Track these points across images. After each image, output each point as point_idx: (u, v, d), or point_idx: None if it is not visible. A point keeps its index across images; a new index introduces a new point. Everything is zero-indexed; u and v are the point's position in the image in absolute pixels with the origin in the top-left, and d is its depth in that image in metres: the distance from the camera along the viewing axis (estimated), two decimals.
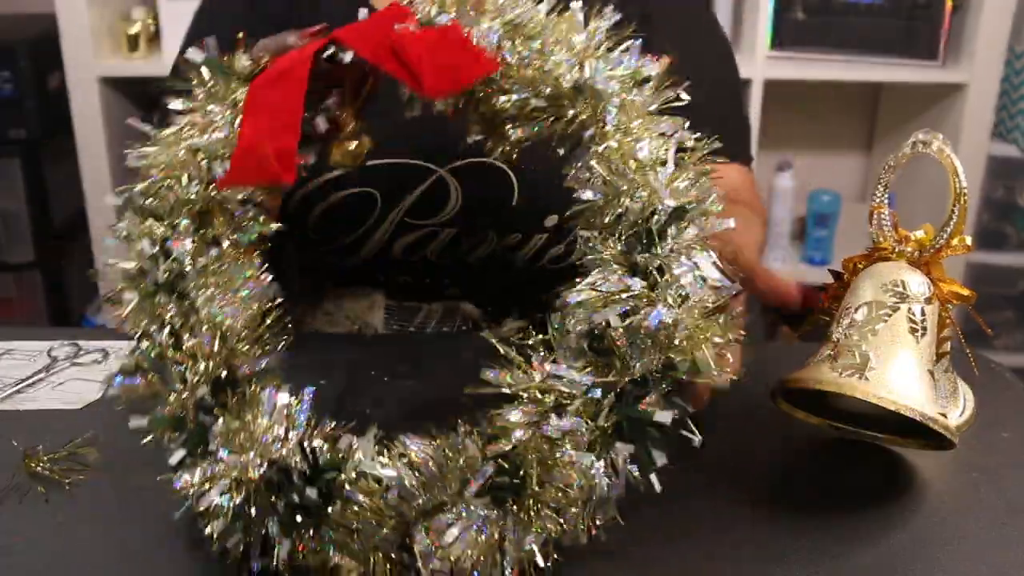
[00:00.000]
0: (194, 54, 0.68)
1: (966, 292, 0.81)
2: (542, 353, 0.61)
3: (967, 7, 2.00)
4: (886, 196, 0.84)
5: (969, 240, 0.81)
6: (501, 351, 0.62)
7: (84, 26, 1.94)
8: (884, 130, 2.36)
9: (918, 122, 2.17)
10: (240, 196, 0.67)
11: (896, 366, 0.75)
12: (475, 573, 0.61)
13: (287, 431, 0.63)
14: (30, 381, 0.94)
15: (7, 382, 0.93)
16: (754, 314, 1.34)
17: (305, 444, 0.63)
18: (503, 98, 0.64)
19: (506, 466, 0.61)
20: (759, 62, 1.98)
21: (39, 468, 0.79)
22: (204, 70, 0.67)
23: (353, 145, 0.70)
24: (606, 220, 0.62)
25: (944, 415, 0.76)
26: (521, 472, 0.61)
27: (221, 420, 0.63)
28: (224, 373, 0.64)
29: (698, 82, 1.04)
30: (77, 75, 1.97)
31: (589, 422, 0.60)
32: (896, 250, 0.82)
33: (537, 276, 1.04)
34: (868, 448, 0.83)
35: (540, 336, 0.62)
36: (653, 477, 0.62)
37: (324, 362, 0.97)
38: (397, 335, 1.07)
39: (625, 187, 0.61)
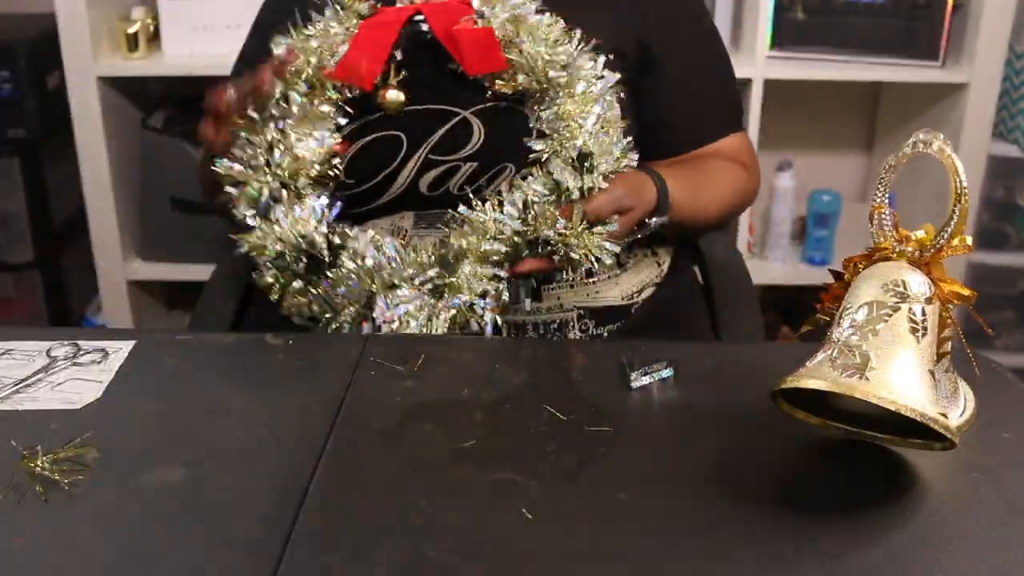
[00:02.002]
0: None
1: (967, 292, 0.81)
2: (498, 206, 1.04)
3: (968, 7, 2.00)
4: (887, 196, 0.84)
5: (970, 240, 0.81)
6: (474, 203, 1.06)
7: (83, 26, 1.93)
8: (884, 130, 2.36)
9: (918, 122, 2.16)
10: (335, 86, 1.08)
11: (897, 366, 0.75)
12: (416, 323, 1.04)
13: (319, 222, 1.05)
14: (29, 381, 0.93)
15: (6, 382, 0.93)
16: (755, 315, 1.34)
17: (327, 230, 1.05)
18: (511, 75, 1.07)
19: (444, 272, 1.05)
20: (759, 62, 1.98)
21: (38, 468, 0.79)
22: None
23: (399, 95, 1.09)
24: (551, 155, 1.05)
25: (945, 415, 0.76)
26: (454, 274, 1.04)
27: (280, 205, 1.05)
28: (290, 183, 1.06)
29: (695, 70, 1.29)
30: (76, 75, 1.97)
31: (507, 249, 1.03)
32: (897, 250, 0.82)
33: None
34: (868, 448, 0.83)
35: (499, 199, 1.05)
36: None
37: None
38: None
39: (568, 135, 1.04)
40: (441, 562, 0.70)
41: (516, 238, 1.03)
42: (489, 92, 1.09)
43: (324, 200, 1.06)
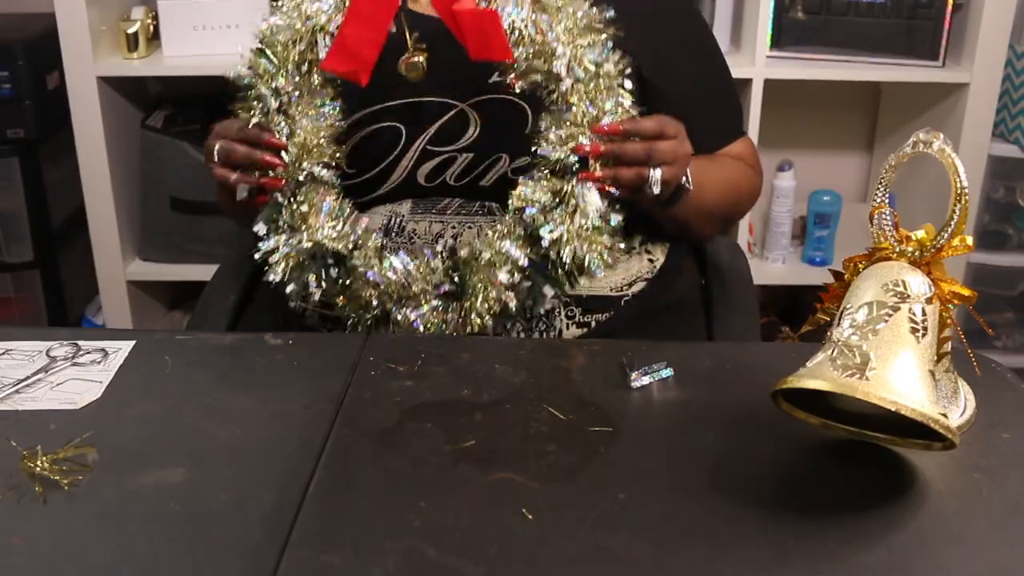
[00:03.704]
0: None
1: (967, 292, 0.81)
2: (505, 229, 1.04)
3: (968, 7, 1.99)
4: (887, 196, 0.84)
5: (970, 240, 0.81)
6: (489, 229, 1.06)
7: (83, 26, 1.93)
8: (885, 130, 2.36)
9: (919, 122, 2.16)
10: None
11: (897, 366, 0.75)
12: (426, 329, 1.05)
13: (328, 228, 1.03)
14: (29, 381, 0.93)
15: (6, 382, 0.93)
16: (752, 321, 1.34)
17: (335, 240, 1.03)
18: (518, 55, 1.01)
19: (456, 281, 1.05)
20: (759, 62, 1.97)
21: (38, 468, 0.79)
22: None
23: (420, 58, 1.07)
24: (549, 160, 1.01)
25: (945, 415, 0.76)
26: (466, 286, 1.04)
27: (286, 207, 1.04)
28: (301, 176, 1.03)
29: (698, 87, 1.28)
30: (76, 75, 1.97)
31: (516, 272, 1.03)
32: (897, 250, 0.82)
33: None
34: (868, 448, 0.83)
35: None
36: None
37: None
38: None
39: (576, 135, 1.00)
40: (441, 562, 0.70)
41: (521, 262, 1.03)
42: (490, 80, 1.08)
43: (331, 199, 1.05)
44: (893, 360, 0.75)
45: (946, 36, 1.99)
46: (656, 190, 1.02)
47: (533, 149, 1.02)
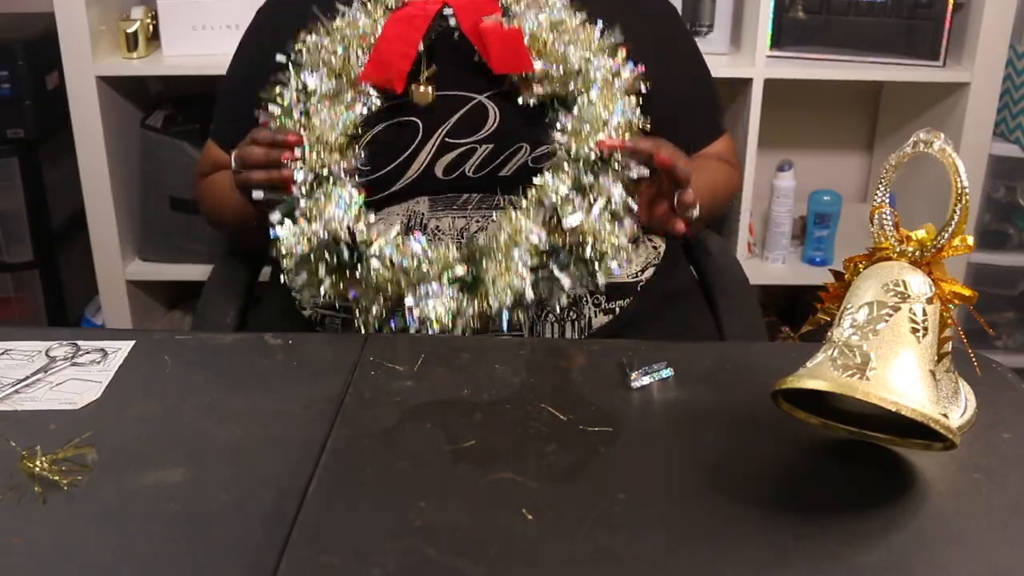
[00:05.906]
0: None
1: (967, 292, 0.81)
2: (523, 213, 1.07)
3: (968, 6, 1.99)
4: (887, 196, 0.84)
5: (970, 240, 0.81)
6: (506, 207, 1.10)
7: (83, 25, 1.93)
8: (885, 130, 2.35)
9: (919, 122, 2.16)
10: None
11: (897, 366, 0.75)
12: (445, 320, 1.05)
13: (343, 215, 1.05)
14: (28, 381, 0.93)
15: (5, 382, 0.93)
16: (755, 312, 1.34)
17: (351, 225, 1.05)
18: (537, 67, 1.10)
19: (471, 268, 1.06)
20: (759, 62, 1.97)
21: (37, 468, 0.79)
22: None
23: (430, 89, 1.12)
24: (571, 153, 1.06)
25: (945, 415, 0.76)
26: (479, 274, 1.05)
27: (304, 199, 1.05)
28: (317, 171, 1.06)
29: (683, 89, 1.32)
30: (75, 74, 1.97)
31: (532, 256, 1.05)
32: (897, 250, 0.82)
33: None
34: (868, 448, 0.83)
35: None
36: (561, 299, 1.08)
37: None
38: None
39: (590, 132, 1.06)
40: (441, 562, 0.70)
41: (541, 245, 1.05)
42: (507, 83, 1.11)
43: (350, 189, 1.06)
44: (893, 360, 0.75)
45: (947, 36, 1.99)
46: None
47: (552, 142, 1.08)
